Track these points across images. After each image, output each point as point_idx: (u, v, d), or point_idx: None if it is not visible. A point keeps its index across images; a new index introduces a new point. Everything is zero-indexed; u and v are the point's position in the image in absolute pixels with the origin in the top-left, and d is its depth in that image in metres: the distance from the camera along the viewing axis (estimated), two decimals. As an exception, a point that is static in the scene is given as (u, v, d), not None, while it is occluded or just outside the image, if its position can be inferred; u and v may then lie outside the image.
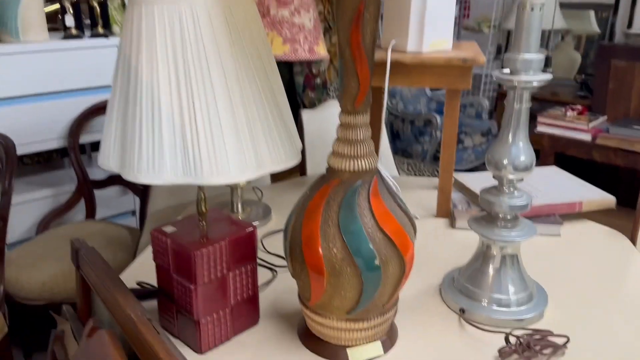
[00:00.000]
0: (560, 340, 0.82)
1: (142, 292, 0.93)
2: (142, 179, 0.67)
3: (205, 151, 0.65)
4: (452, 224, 1.23)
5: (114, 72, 0.73)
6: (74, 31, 1.89)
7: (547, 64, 3.40)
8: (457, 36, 3.80)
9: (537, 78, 0.79)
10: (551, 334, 0.83)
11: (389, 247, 0.74)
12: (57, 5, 2.02)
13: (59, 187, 1.92)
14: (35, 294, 1.50)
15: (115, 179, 1.93)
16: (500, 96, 3.76)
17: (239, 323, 0.84)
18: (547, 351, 0.80)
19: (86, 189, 1.85)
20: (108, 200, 2.05)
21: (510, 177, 0.86)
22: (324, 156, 0.75)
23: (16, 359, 1.60)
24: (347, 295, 0.75)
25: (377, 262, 0.72)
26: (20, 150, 1.63)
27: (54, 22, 2.07)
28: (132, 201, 2.13)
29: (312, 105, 2.07)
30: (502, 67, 0.83)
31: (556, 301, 0.94)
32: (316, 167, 1.68)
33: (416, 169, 2.47)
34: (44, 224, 1.81)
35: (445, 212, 1.27)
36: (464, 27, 3.76)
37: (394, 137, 3.19)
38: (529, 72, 0.80)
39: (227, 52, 0.67)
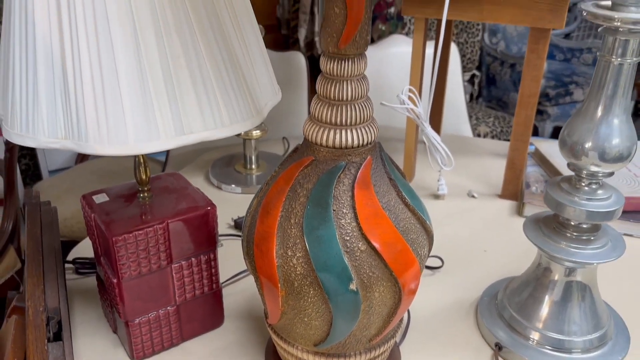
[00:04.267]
0: (636, 423, 0.55)
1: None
2: (14, 138, 0.47)
3: (92, 107, 0.44)
4: (520, 211, 0.94)
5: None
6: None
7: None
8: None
9: (658, 15, 0.48)
10: (624, 409, 0.56)
11: (375, 264, 0.49)
12: None
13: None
14: (59, 230, 1.42)
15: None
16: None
17: (190, 327, 0.65)
18: None
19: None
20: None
21: (594, 169, 0.56)
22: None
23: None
24: (312, 323, 0.52)
25: (352, 285, 0.48)
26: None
27: None
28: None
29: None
30: (602, -4, 0.52)
31: (644, 349, 0.65)
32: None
33: (504, 124, 2.10)
34: (83, 154, 1.72)
35: (513, 192, 0.98)
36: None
37: (489, 82, 2.78)
38: (646, 4, 0.48)
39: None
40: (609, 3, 0.51)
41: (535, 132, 2.60)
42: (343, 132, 0.49)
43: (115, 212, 0.58)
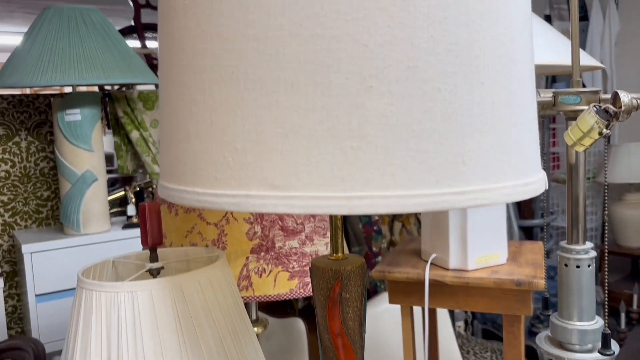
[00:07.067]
0: None
1: None
2: None
3: None
4: None
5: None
6: (134, 219, 1.92)
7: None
8: (548, 185, 3.54)
9: (596, 357, 0.58)
10: None
11: None
12: (122, 193, 2.12)
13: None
14: None
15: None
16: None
17: None
18: None
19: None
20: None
21: None
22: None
23: None
24: None
25: None
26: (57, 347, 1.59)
27: (123, 205, 2.14)
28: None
29: (372, 288, 1.90)
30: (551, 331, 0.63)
31: None
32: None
33: (502, 358, 2.12)
34: None
35: None
36: (553, 180, 3.51)
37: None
38: (586, 344, 0.59)
39: (172, 348, 0.54)
40: (557, 337, 0.62)
41: (535, 357, 2.61)
42: None
43: None
